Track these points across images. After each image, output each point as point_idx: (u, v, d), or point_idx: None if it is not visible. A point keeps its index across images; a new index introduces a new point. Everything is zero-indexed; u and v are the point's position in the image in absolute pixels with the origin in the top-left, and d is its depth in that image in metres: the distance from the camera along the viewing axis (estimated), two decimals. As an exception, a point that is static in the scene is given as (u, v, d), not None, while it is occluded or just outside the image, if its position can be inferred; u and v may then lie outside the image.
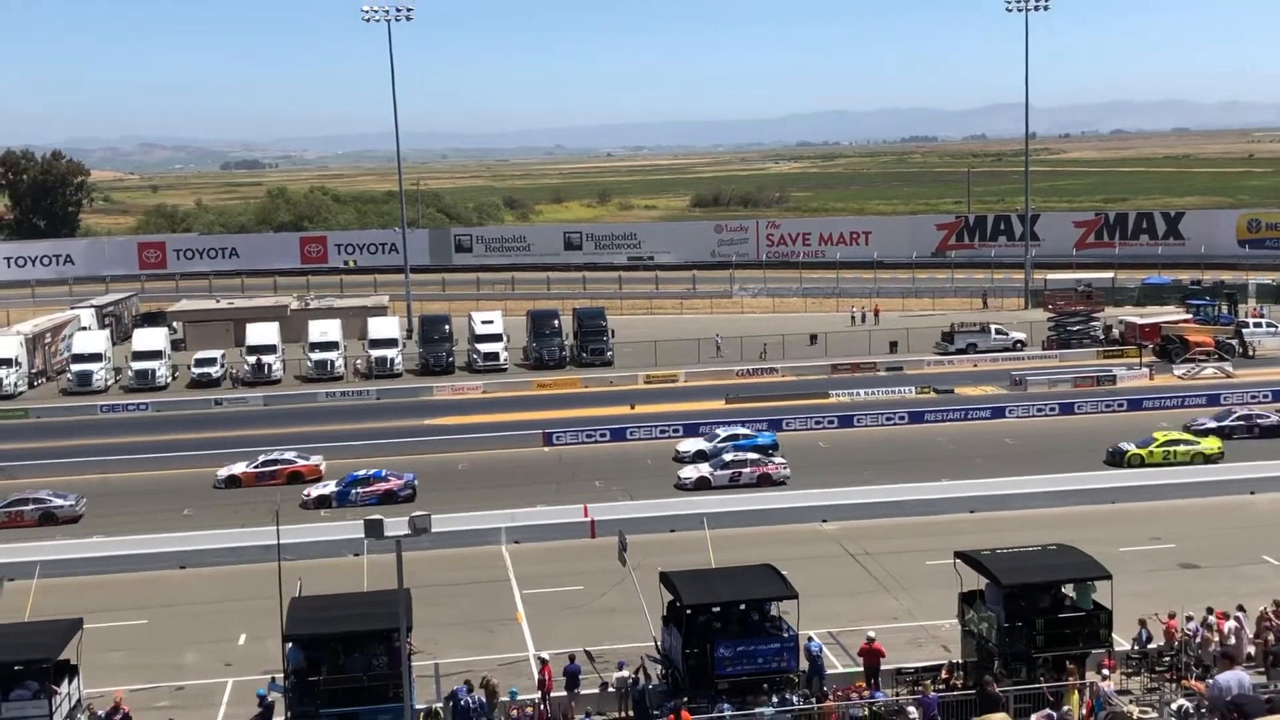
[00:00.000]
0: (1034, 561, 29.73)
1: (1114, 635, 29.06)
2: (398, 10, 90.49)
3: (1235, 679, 25.22)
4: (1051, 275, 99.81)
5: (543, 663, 29.93)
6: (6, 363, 74.02)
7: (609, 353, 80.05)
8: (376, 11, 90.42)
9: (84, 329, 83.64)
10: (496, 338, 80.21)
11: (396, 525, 24.90)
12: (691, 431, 58.75)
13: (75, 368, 75.86)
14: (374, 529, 25.23)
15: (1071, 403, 63.87)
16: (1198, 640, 29.94)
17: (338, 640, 27.82)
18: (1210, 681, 25.96)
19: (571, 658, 30.27)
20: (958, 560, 29.82)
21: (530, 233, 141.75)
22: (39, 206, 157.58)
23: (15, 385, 73.95)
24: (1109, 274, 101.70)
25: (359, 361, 78.54)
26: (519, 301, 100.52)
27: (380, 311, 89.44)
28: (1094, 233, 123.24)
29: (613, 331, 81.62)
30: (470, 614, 36.45)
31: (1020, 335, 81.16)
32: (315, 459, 53.84)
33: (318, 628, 27.99)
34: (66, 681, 27.61)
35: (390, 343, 79.27)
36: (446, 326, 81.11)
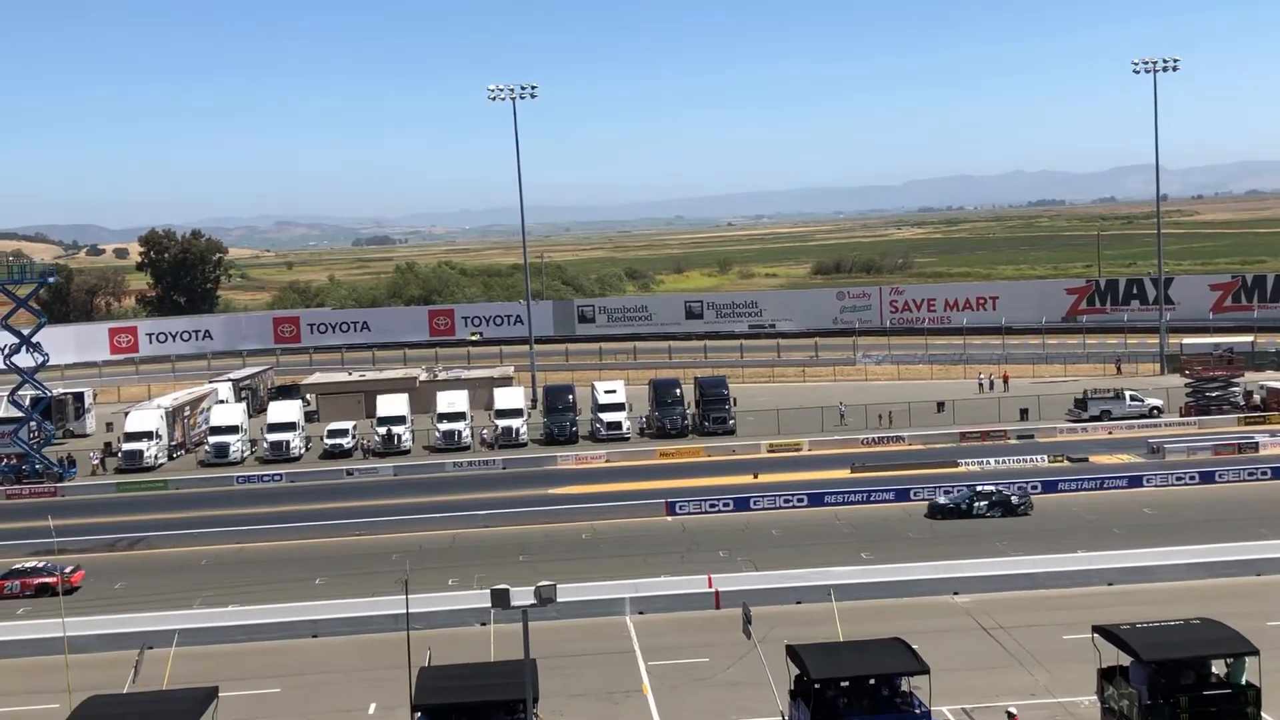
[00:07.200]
0: (1177, 636, 28.73)
1: (1263, 714, 27.85)
2: (522, 88, 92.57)
3: None
4: (1188, 340, 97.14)
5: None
6: (147, 435, 76.51)
7: (731, 421, 79.81)
8: (502, 90, 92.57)
9: (221, 402, 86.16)
10: (619, 407, 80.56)
11: (522, 595, 25.02)
12: (816, 501, 58.34)
13: (213, 440, 78.12)
14: (500, 599, 25.41)
15: (1212, 471, 61.80)
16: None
17: (466, 710, 27.92)
18: None
19: (698, 731, 29.98)
20: (1096, 635, 28.94)
21: (652, 302, 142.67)
22: (179, 284, 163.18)
23: (155, 457, 76.37)
24: (1248, 338, 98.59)
25: (485, 431, 79.52)
26: (641, 371, 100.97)
27: (506, 382, 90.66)
28: (1231, 295, 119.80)
29: (735, 400, 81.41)
30: (595, 685, 36.31)
31: (1157, 402, 78.98)
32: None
33: (446, 697, 28.15)
34: (203, 749, 28.10)
35: (516, 413, 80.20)
36: (570, 396, 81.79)
